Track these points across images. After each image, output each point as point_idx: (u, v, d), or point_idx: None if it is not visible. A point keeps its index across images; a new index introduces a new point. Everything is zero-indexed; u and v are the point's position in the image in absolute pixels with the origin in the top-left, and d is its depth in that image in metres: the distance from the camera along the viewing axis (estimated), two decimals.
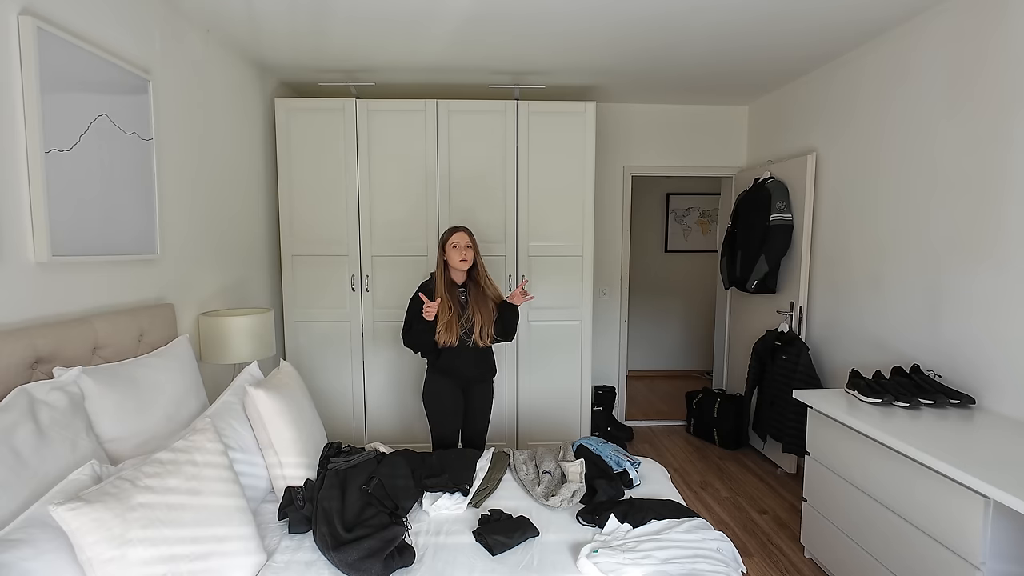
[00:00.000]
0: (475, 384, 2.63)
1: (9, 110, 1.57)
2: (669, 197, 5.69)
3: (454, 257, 2.48)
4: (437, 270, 2.53)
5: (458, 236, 2.49)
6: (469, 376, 2.58)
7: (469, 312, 2.49)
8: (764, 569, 2.45)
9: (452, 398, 2.58)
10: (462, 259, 2.47)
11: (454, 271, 2.53)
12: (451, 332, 2.43)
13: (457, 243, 2.48)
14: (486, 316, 2.51)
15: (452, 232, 2.51)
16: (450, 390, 2.58)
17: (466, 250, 2.48)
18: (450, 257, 2.49)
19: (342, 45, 2.85)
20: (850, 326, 2.94)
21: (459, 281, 2.54)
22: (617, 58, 3.04)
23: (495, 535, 1.68)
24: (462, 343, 2.48)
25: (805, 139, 3.38)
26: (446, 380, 2.57)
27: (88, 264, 1.87)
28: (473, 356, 2.55)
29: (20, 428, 1.31)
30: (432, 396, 2.61)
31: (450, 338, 2.44)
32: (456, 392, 2.59)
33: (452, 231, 2.52)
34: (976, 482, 1.57)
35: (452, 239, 2.49)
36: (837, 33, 2.66)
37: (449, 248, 2.49)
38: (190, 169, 2.50)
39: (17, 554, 1.10)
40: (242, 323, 2.41)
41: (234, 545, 1.44)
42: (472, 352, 2.53)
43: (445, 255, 2.51)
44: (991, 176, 2.12)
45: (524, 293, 2.51)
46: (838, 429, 2.20)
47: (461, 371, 2.55)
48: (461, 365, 2.53)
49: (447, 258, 2.50)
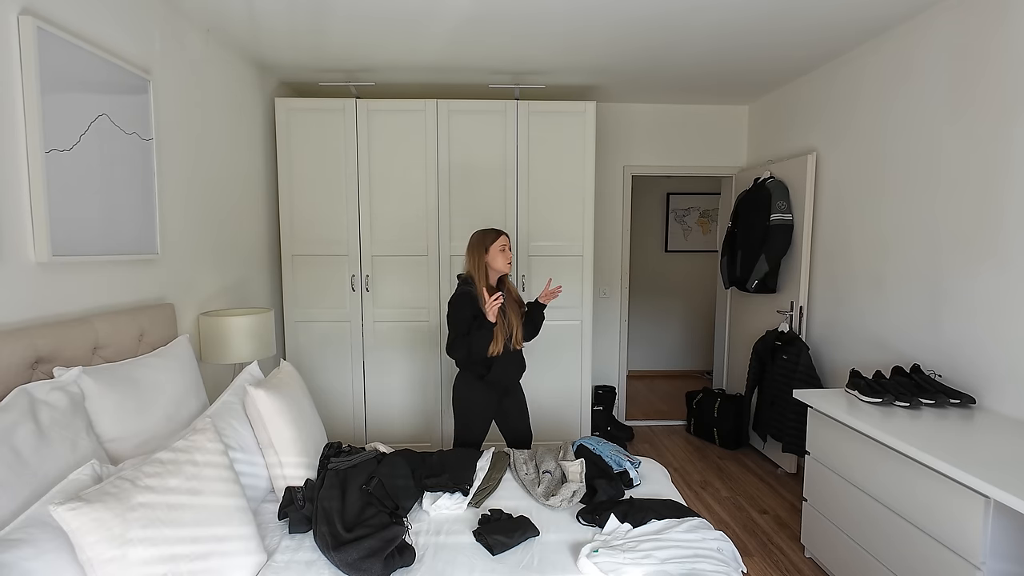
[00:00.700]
0: (512, 388, 2.57)
1: (9, 110, 1.57)
2: (669, 197, 5.69)
3: (500, 261, 2.39)
4: (478, 274, 2.39)
5: (505, 239, 2.41)
6: (508, 381, 2.52)
7: (508, 317, 2.41)
8: (764, 569, 2.45)
9: (486, 404, 2.50)
10: (509, 262, 2.41)
11: (492, 274, 2.43)
12: (498, 340, 2.34)
13: (505, 246, 2.41)
14: (518, 318, 2.45)
15: (497, 235, 2.41)
16: (486, 395, 2.49)
17: (510, 252, 2.44)
18: (495, 260, 2.39)
19: (342, 45, 2.85)
20: (850, 326, 2.94)
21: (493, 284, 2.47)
22: (617, 57, 3.04)
23: (495, 535, 1.67)
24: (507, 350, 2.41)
25: (805, 139, 3.38)
26: (482, 384, 2.46)
27: (88, 264, 1.87)
28: (512, 360, 2.48)
29: (20, 428, 1.31)
30: (465, 400, 2.50)
31: (498, 346, 2.34)
32: (491, 397, 2.50)
33: (497, 233, 2.42)
34: (976, 482, 1.57)
35: (499, 242, 2.40)
36: (838, 32, 2.65)
37: (495, 251, 2.39)
38: (190, 169, 2.50)
39: (18, 554, 1.10)
40: (242, 323, 2.41)
41: (234, 545, 1.44)
42: (511, 356, 2.45)
43: (487, 258, 2.39)
44: (993, 176, 2.12)
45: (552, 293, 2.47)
46: (838, 429, 2.20)
47: (502, 377, 2.46)
48: (503, 370, 2.45)
49: (489, 261, 2.39)
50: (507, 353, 2.42)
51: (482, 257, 2.41)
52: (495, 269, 2.42)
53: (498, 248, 2.40)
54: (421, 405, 3.46)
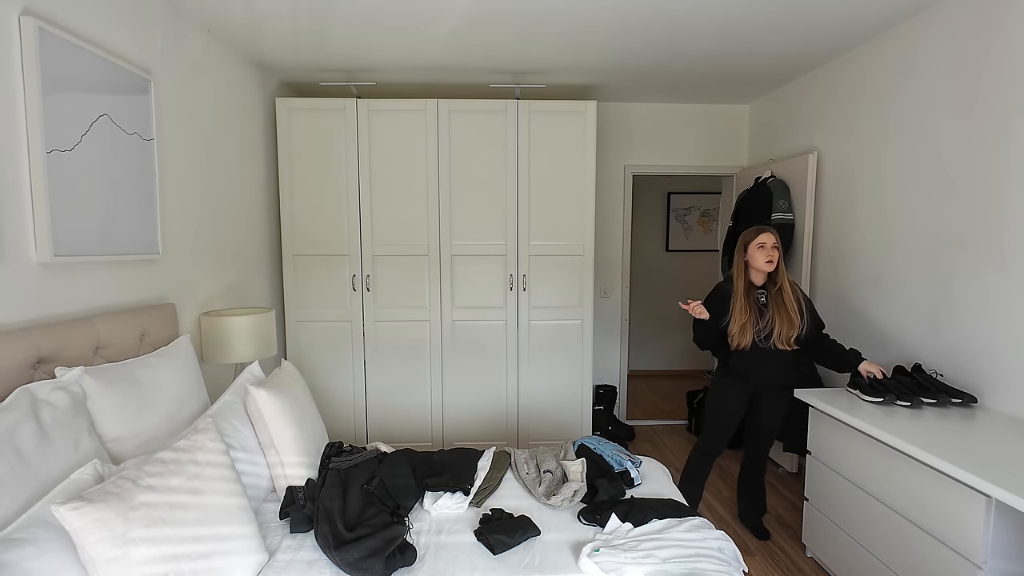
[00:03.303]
0: (768, 392, 2.53)
1: (11, 110, 1.58)
2: (670, 196, 5.69)
3: (759, 258, 2.41)
4: (736, 271, 2.47)
5: (765, 236, 2.42)
6: (762, 382, 2.49)
7: (769, 315, 2.41)
8: (766, 568, 2.45)
9: (732, 403, 2.53)
10: (767, 260, 2.40)
11: (755, 272, 2.46)
12: (745, 334, 2.39)
13: (764, 244, 2.41)
14: (786, 319, 2.41)
15: (758, 232, 2.44)
16: (735, 394, 2.52)
17: (772, 251, 2.40)
18: (754, 258, 2.42)
19: (343, 45, 2.85)
20: (852, 325, 2.94)
21: (758, 283, 2.47)
22: (618, 56, 3.04)
23: (496, 534, 1.68)
24: (758, 347, 2.42)
25: (806, 138, 3.37)
26: (733, 382, 2.51)
27: (90, 264, 1.87)
28: (774, 360, 2.45)
29: (22, 428, 1.31)
30: (713, 397, 2.58)
31: (744, 340, 2.40)
32: (740, 397, 2.52)
33: (757, 231, 2.44)
34: (978, 481, 1.56)
35: (759, 239, 2.42)
36: (841, 28, 2.64)
37: (754, 248, 2.42)
38: (191, 169, 2.50)
39: (19, 553, 1.10)
40: (243, 323, 2.42)
41: (236, 544, 1.44)
42: (773, 356, 2.44)
43: (747, 255, 2.45)
44: (995, 175, 2.11)
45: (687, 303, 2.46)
46: (840, 428, 2.20)
47: (753, 375, 2.47)
48: (755, 369, 2.46)
49: (749, 259, 2.44)
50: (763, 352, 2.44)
51: (742, 254, 2.49)
52: (755, 267, 2.45)
53: (757, 245, 2.43)
54: (422, 405, 3.46)
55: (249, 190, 3.09)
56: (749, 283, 2.47)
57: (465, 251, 3.36)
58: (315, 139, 3.27)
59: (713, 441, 2.60)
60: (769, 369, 2.46)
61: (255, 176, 3.16)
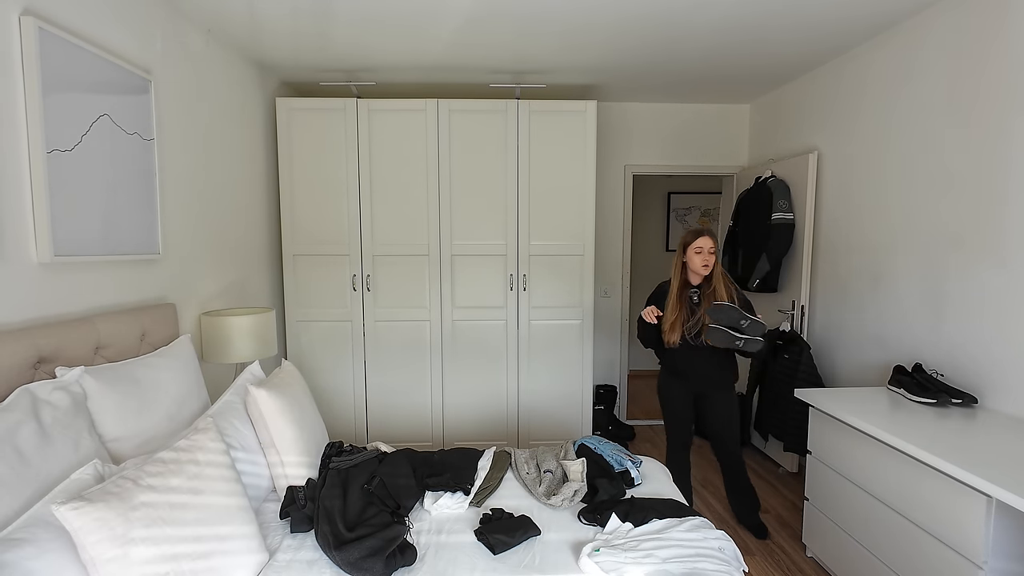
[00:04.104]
0: (712, 390, 2.61)
1: (11, 110, 1.58)
2: (670, 196, 5.69)
3: (696, 262, 2.50)
4: (673, 270, 2.58)
5: (703, 241, 2.50)
6: (700, 380, 2.59)
7: (700, 315, 2.50)
8: (766, 568, 2.45)
9: (678, 400, 2.64)
10: (704, 264, 2.49)
11: (692, 274, 2.55)
12: (675, 331, 2.50)
13: (701, 248, 2.50)
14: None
15: (696, 235, 2.53)
16: (678, 392, 2.64)
17: (709, 256, 2.50)
18: (691, 261, 2.52)
19: (343, 45, 2.85)
20: (852, 325, 2.94)
21: (695, 283, 2.57)
22: (618, 56, 3.04)
23: (497, 534, 1.68)
24: (689, 345, 2.51)
25: (807, 138, 3.37)
26: (674, 381, 2.64)
27: (90, 264, 1.87)
28: (706, 359, 2.54)
29: (23, 428, 1.31)
30: (661, 397, 2.71)
31: (673, 337, 2.50)
32: (686, 396, 2.63)
33: (696, 234, 2.53)
34: (978, 481, 1.56)
35: (696, 244, 2.51)
36: (842, 27, 2.63)
37: (691, 252, 2.51)
38: (191, 169, 2.50)
39: (20, 553, 1.10)
40: (243, 323, 2.42)
41: (236, 544, 1.44)
42: (705, 353, 2.53)
43: (685, 257, 2.54)
44: (995, 174, 2.11)
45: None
46: (840, 428, 2.20)
47: (691, 374, 2.58)
48: (691, 367, 2.57)
49: (687, 260, 2.53)
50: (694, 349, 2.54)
51: (681, 255, 2.58)
52: (692, 269, 2.54)
53: (695, 249, 2.52)
54: (422, 404, 3.46)
55: (249, 190, 3.09)
56: (685, 282, 2.57)
57: (465, 251, 3.36)
58: (315, 139, 3.27)
59: (677, 437, 2.71)
60: (705, 368, 2.56)
61: (255, 176, 3.16)
